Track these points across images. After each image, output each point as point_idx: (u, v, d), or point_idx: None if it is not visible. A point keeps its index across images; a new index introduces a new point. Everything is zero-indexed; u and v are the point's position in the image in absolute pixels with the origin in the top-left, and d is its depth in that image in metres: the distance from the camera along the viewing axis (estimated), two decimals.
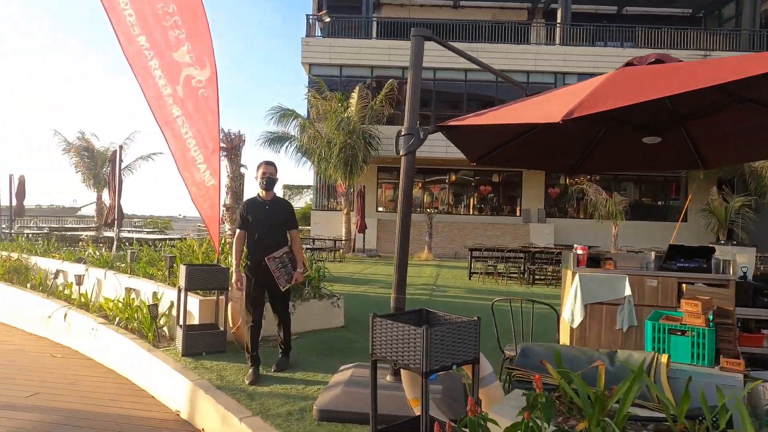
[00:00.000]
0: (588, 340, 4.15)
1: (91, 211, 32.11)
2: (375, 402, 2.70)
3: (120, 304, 6.08)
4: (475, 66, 18.61)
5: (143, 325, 5.46)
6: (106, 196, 19.65)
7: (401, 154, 3.83)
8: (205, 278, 4.75)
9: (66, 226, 18.65)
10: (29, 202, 18.95)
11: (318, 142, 16.90)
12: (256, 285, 4.36)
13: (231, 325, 4.84)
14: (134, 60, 5.10)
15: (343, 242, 16.95)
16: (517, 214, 22.04)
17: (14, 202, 14.20)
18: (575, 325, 4.08)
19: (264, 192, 4.41)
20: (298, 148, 17.83)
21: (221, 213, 7.35)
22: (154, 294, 5.80)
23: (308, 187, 33.15)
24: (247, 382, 4.09)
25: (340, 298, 6.35)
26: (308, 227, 21.38)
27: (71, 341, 6.44)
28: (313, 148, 17.09)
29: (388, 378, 3.84)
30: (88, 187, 19.14)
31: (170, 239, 11.54)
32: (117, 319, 5.76)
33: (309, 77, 19.20)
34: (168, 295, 5.71)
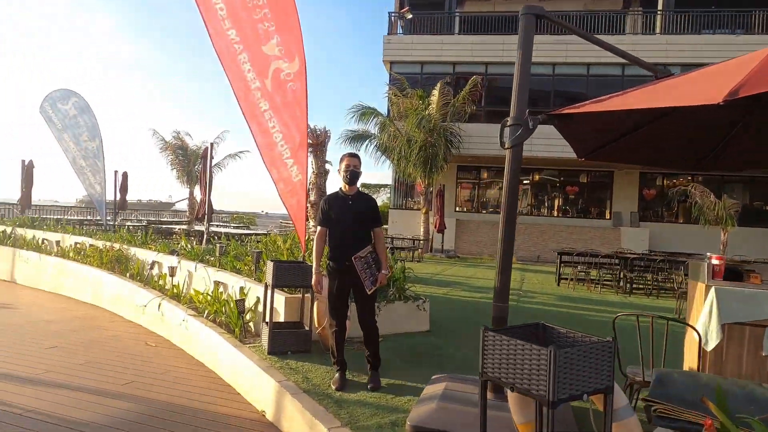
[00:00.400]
0: (725, 367, 3.52)
1: (184, 206, 34.33)
2: (485, 427, 2.34)
3: (209, 297, 6.16)
4: (563, 59, 17.44)
5: (230, 319, 5.46)
6: (197, 191, 20.75)
7: (507, 146, 3.43)
8: (292, 275, 4.61)
9: (162, 219, 19.90)
10: (130, 196, 20.41)
11: (398, 140, 16.71)
12: (339, 288, 4.04)
13: (316, 325, 4.67)
14: (223, 54, 5.08)
15: (421, 242, 16.64)
16: (607, 216, 20.58)
17: (118, 197, 15.30)
18: (710, 347, 3.47)
19: (347, 186, 4.08)
20: (378, 146, 17.74)
21: (306, 209, 7.32)
22: (241, 289, 5.79)
23: (385, 186, 33.21)
24: (333, 387, 3.88)
25: (425, 301, 6.03)
26: (385, 226, 21.31)
27: (164, 330, 6.64)
28: (393, 146, 16.92)
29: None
30: (182, 183, 20.31)
31: (255, 234, 11.85)
32: (206, 312, 5.81)
33: (390, 75, 19.06)
34: (254, 291, 5.68)
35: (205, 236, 9.48)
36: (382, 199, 34.00)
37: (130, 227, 13.36)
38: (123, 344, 6.13)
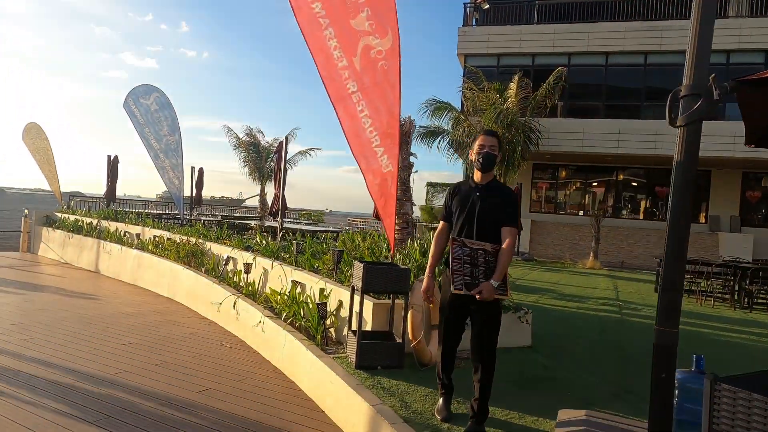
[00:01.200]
0: None
1: (254, 203, 35.05)
2: None
3: (286, 298, 5.71)
4: (657, 48, 15.71)
5: (310, 324, 4.95)
6: (268, 188, 20.83)
7: (679, 124, 2.61)
8: (383, 279, 4.00)
9: (234, 215, 20.17)
10: (204, 193, 20.84)
11: (473, 136, 15.83)
12: (456, 299, 3.15)
13: (411, 338, 4.03)
14: (307, 29, 4.56)
15: None
16: (702, 220, 18.60)
17: (194, 192, 15.53)
18: None
19: (479, 173, 3.23)
20: (451, 142, 16.95)
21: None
22: (321, 291, 5.28)
23: (450, 185, 32.13)
24: (438, 417, 3.21)
25: (528, 312, 5.24)
26: None
27: (238, 330, 6.29)
28: (467, 142, 16.06)
29: None
30: (253, 180, 20.49)
31: (329, 232, 11.49)
32: (284, 314, 5.35)
33: (464, 69, 18.20)
34: (336, 293, 5.14)
35: (279, 232, 9.15)
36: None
37: (205, 222, 13.43)
38: (198, 344, 5.81)
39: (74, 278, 10.27)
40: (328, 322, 4.94)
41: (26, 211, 14.46)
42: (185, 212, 11.36)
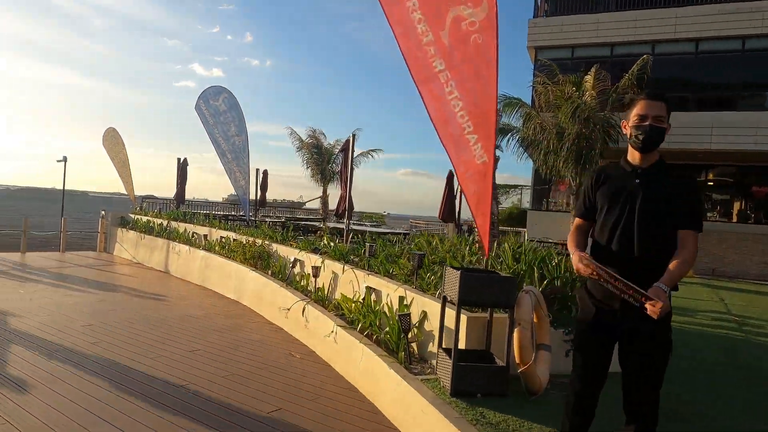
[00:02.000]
0: None
1: (315, 205, 35.18)
2: None
3: (360, 306, 5.16)
4: (759, 31, 13.99)
5: (390, 337, 4.36)
6: (330, 189, 20.62)
7: None
8: (483, 289, 3.33)
9: (298, 216, 20.09)
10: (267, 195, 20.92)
11: (546, 132, 14.77)
12: (599, 323, 2.30)
13: (518, 361, 3.34)
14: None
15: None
16: None
17: (258, 194, 15.49)
18: None
19: (639, 154, 2.31)
20: (521, 140, 15.94)
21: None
22: (400, 299, 4.67)
23: (515, 186, 30.83)
24: None
25: None
26: (522, 229, 19.32)
27: (308, 339, 5.81)
28: (539, 140, 15.02)
29: None
30: (316, 182, 20.34)
31: (397, 233, 10.94)
32: (359, 325, 4.79)
33: (536, 62, 17.12)
34: (417, 303, 4.52)
35: (346, 234, 8.68)
36: (511, 200, 31.71)
37: (270, 223, 13.27)
38: (266, 352, 5.38)
39: (145, 278, 10.30)
40: (410, 335, 4.33)
41: (103, 212, 14.93)
42: (250, 214, 11.19)
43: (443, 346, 3.68)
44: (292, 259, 7.51)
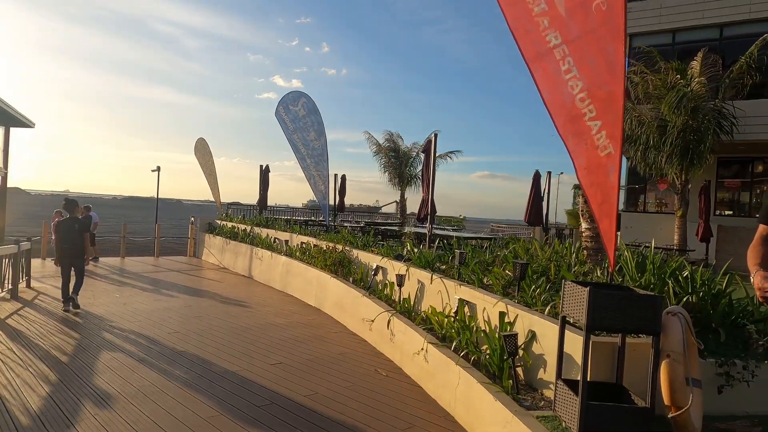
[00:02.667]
0: None
1: (391, 209, 34.95)
2: None
3: (452, 321, 4.60)
4: None
5: (491, 360, 3.76)
6: (408, 193, 20.19)
7: None
8: (619, 310, 2.64)
9: (376, 221, 19.84)
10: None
11: (645, 126, 13.33)
12: None
13: (668, 402, 2.62)
14: None
15: (675, 251, 12.94)
16: None
17: (337, 199, 15.38)
18: None
19: None
20: None
21: (584, 202, 5.22)
22: (501, 316, 4.05)
23: None
24: None
25: None
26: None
27: (394, 353, 5.34)
28: (636, 134, 13.59)
29: None
30: (393, 186, 20.02)
31: (482, 238, 10.25)
32: (453, 343, 4.23)
33: (631, 49, 15.62)
34: (523, 320, 3.88)
35: (429, 240, 8.14)
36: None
37: (349, 228, 13.05)
38: (350, 368, 4.97)
39: (230, 284, 10.41)
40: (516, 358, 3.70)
41: (192, 219, 15.51)
42: (329, 218, 10.98)
43: (562, 376, 3.03)
44: (374, 267, 7.09)
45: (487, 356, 3.82)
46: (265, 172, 15.25)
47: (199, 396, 3.99)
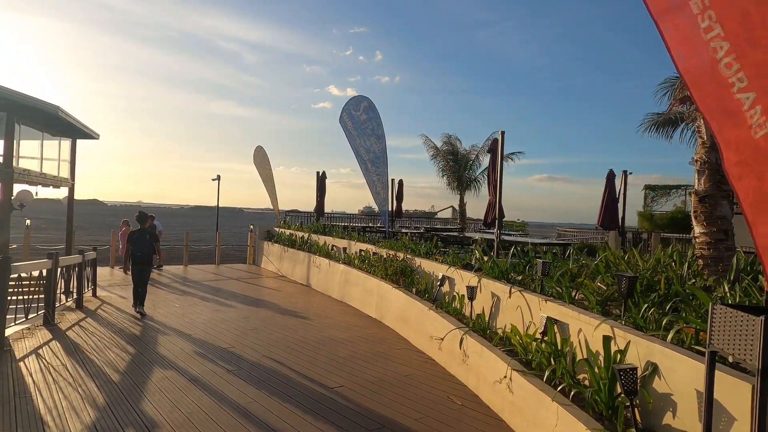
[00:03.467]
0: None
1: (446, 215, 33.94)
2: None
3: (540, 344, 3.88)
4: None
5: (599, 398, 3.02)
6: (467, 197, 19.34)
7: None
8: None
9: (436, 226, 19.13)
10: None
11: None
12: None
13: None
14: None
15: None
16: None
17: (394, 204, 14.84)
18: None
19: None
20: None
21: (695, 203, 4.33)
22: (607, 341, 3.29)
23: (678, 187, 26.42)
24: None
25: None
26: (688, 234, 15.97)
27: (468, 377, 4.67)
28: None
29: None
30: (452, 190, 19.25)
31: (555, 244, 9.34)
32: (546, 373, 3.51)
33: None
34: (639, 348, 3.11)
35: (497, 246, 7.39)
36: (672, 202, 27.24)
37: (409, 234, 12.46)
38: (419, 393, 4.35)
39: (288, 293, 10.09)
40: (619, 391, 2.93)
41: (251, 226, 15.49)
42: (389, 225, 10.44)
43: None
44: (439, 277, 6.45)
45: (592, 391, 3.08)
46: (321, 179, 14.98)
47: (250, 427, 3.51)
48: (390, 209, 13.75)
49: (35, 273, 6.52)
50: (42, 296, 6.43)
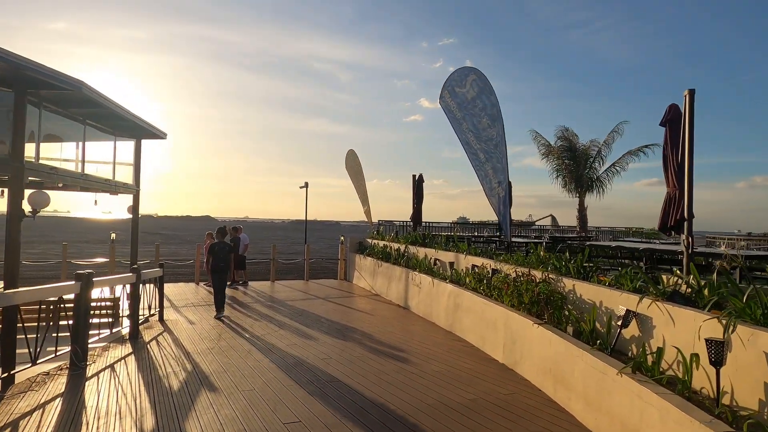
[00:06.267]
0: None
1: (546, 222, 30.01)
2: None
3: None
4: None
5: None
6: (589, 200, 16.16)
7: None
8: None
9: (556, 236, 16.09)
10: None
11: None
12: None
13: None
14: None
15: None
16: None
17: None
18: None
19: None
20: None
21: None
22: None
23: None
24: None
25: None
26: None
27: None
28: None
29: None
30: (569, 193, 16.15)
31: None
32: None
33: None
34: None
35: (687, 262, 4.67)
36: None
37: (526, 245, 9.84)
38: None
39: (382, 317, 8.03)
40: None
41: (342, 237, 13.79)
42: (509, 232, 7.94)
43: None
44: (622, 312, 3.93)
45: None
46: (419, 183, 12.85)
47: None
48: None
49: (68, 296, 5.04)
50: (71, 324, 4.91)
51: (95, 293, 6.25)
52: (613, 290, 4.29)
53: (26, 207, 5.64)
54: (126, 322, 6.44)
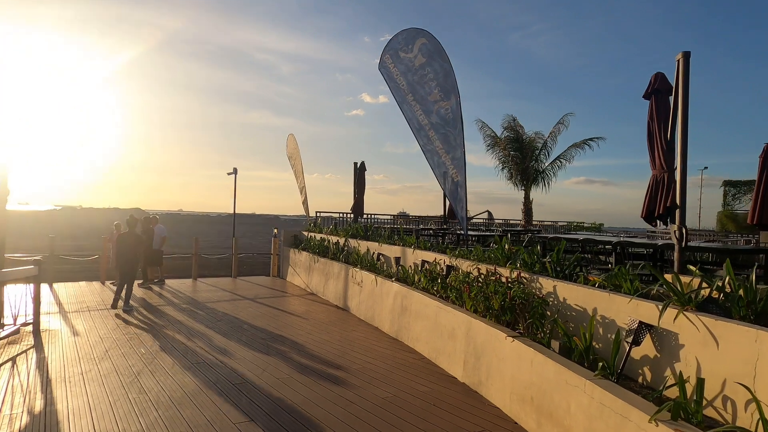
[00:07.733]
0: None
1: (484, 218, 29.80)
2: None
3: None
4: None
5: None
6: (534, 193, 15.65)
7: None
8: None
9: (507, 228, 15.35)
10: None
11: None
12: None
13: None
14: None
15: None
16: None
17: (448, 204, 11.36)
18: None
19: None
20: None
21: None
22: None
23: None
24: None
25: None
26: None
27: None
28: None
29: None
30: (514, 185, 15.56)
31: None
32: None
33: None
34: None
35: (678, 259, 3.79)
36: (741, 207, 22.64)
37: (474, 238, 8.89)
38: None
39: (318, 322, 6.73)
40: None
41: (275, 230, 12.29)
42: (466, 225, 6.85)
43: None
44: (633, 325, 2.89)
45: None
46: (360, 171, 11.63)
47: None
48: (444, 209, 10.13)
49: None
50: None
51: None
52: (614, 295, 3.27)
53: None
54: None
